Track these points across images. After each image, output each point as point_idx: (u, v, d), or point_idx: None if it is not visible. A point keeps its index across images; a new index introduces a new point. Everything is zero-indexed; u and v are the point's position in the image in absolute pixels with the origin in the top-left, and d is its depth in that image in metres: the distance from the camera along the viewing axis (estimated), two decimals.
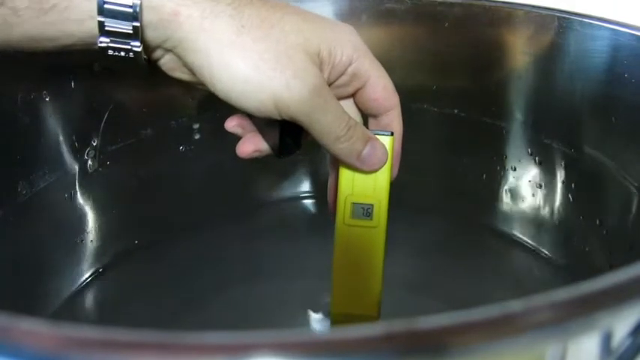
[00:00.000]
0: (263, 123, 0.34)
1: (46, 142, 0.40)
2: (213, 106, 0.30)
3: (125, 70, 0.30)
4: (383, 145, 0.32)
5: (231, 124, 0.34)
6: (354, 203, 0.32)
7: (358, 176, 0.32)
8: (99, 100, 0.42)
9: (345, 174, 0.32)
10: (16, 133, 0.38)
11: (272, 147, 0.34)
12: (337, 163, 0.33)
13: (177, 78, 0.32)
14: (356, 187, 0.32)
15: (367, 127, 0.33)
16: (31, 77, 0.39)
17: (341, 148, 0.30)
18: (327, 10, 0.47)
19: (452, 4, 0.45)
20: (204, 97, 0.45)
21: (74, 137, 0.41)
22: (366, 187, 0.32)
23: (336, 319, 0.34)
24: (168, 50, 0.30)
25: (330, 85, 0.32)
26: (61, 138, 0.41)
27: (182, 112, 0.46)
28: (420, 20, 0.46)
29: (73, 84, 0.41)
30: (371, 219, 0.32)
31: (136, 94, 0.44)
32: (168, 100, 0.46)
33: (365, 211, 0.32)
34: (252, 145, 0.34)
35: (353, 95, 0.34)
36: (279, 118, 0.29)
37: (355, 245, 0.33)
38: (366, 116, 0.35)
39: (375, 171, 0.32)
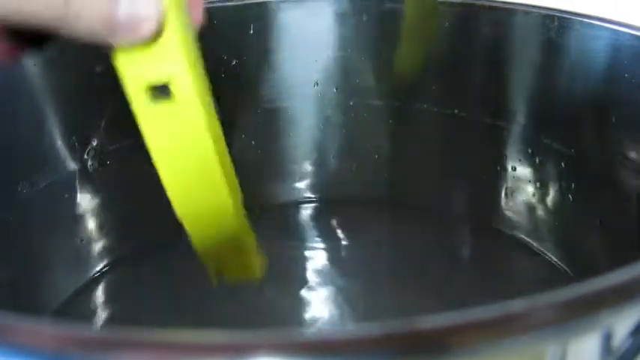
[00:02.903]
0: None
1: (46, 142, 0.40)
2: (214, 106, 0.30)
3: None
4: None
5: None
6: (148, 87, 0.23)
7: (138, 51, 0.22)
8: (99, 100, 0.42)
9: (121, 57, 0.22)
10: (16, 133, 0.38)
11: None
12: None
13: None
14: (140, 67, 0.22)
15: None
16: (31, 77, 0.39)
17: (80, 26, 0.20)
18: (327, 11, 0.47)
19: (452, 4, 0.45)
20: None
21: (74, 137, 0.41)
22: (154, 59, 0.22)
23: (206, 259, 0.28)
24: None
25: None
26: (61, 138, 0.41)
27: None
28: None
29: (73, 84, 0.40)
30: (170, 98, 0.23)
31: None
32: None
33: (163, 92, 0.23)
34: None
35: None
36: None
37: (173, 142, 0.26)
38: None
39: (151, 38, 0.21)
